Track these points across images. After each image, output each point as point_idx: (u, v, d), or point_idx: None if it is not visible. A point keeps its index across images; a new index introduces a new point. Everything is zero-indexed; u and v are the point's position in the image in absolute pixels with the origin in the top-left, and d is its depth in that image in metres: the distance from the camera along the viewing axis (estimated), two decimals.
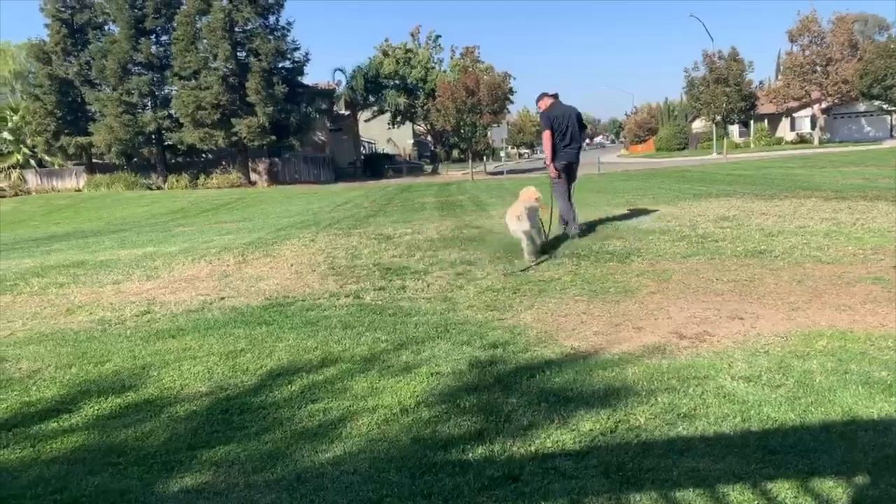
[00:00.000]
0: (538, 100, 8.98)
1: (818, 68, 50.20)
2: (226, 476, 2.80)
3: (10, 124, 43.83)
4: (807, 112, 54.30)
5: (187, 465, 2.91)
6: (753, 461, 2.64)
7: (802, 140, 54.21)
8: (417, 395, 3.49)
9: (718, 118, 49.69)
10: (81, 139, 40.99)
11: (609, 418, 3.08)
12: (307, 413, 3.38)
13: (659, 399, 3.25)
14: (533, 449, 2.85)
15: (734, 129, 56.76)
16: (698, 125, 62.12)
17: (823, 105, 52.10)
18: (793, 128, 56.64)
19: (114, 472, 2.89)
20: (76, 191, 41.52)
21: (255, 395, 3.67)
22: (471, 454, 2.83)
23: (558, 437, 2.93)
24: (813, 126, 54.33)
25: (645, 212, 10.61)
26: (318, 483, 2.68)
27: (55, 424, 3.47)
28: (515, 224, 7.05)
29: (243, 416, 3.41)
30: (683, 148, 61.97)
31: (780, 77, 56.44)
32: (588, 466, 2.67)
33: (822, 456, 2.65)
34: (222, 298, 6.01)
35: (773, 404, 3.13)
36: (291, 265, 7.38)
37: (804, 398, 3.18)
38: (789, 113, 54.69)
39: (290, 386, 3.76)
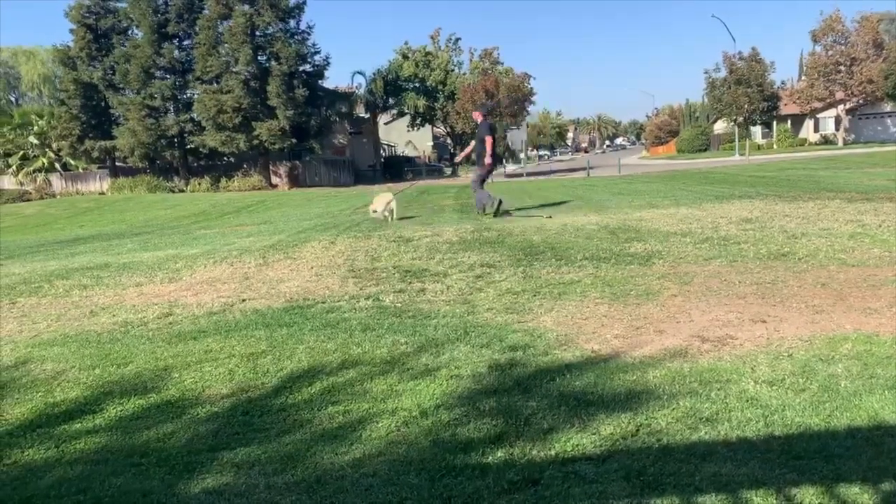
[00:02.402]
0: (476, 110, 14.56)
1: (842, 68, 49.53)
2: (246, 477, 2.81)
3: (36, 129, 44.54)
4: (831, 113, 53.58)
5: (208, 467, 2.93)
6: (777, 466, 2.60)
7: (826, 141, 53.52)
8: (437, 398, 3.48)
9: (740, 119, 49.26)
10: (105, 143, 41.58)
11: (630, 422, 3.05)
12: (327, 415, 3.39)
13: (680, 403, 3.22)
14: (553, 453, 2.83)
15: (756, 131, 56.17)
16: (720, 127, 61.59)
17: (848, 105, 51.38)
18: (816, 129, 55.93)
19: (136, 473, 2.92)
20: (100, 194, 42.12)
21: (276, 397, 3.68)
22: (490, 457, 2.82)
23: (579, 441, 2.91)
24: (837, 127, 53.62)
25: (665, 214, 10.53)
26: (338, 485, 2.69)
27: (79, 425, 3.51)
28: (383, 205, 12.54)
29: (264, 417, 3.43)
30: (705, 149, 61.47)
31: (803, 77, 55.78)
32: (609, 471, 2.65)
33: (847, 462, 2.61)
34: (243, 300, 6.04)
35: (796, 409, 3.08)
36: (311, 267, 7.41)
37: (829, 403, 3.13)
38: (813, 114, 53.98)
39: (310, 388, 3.77)
